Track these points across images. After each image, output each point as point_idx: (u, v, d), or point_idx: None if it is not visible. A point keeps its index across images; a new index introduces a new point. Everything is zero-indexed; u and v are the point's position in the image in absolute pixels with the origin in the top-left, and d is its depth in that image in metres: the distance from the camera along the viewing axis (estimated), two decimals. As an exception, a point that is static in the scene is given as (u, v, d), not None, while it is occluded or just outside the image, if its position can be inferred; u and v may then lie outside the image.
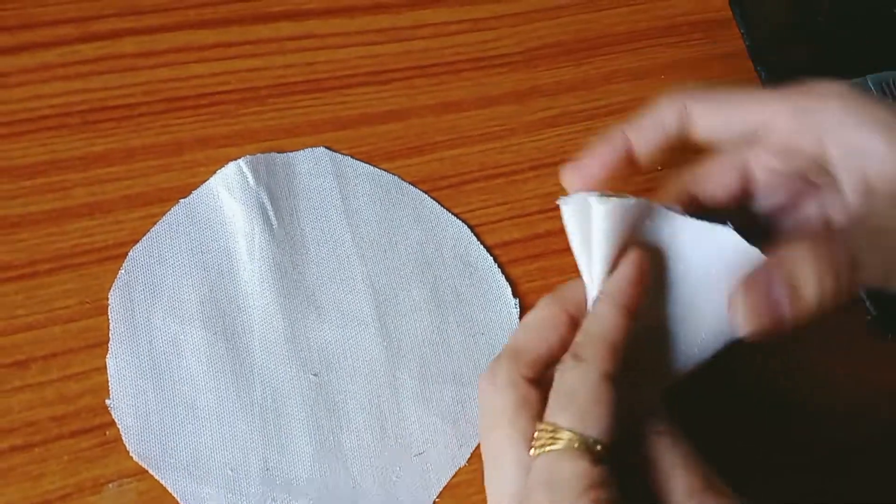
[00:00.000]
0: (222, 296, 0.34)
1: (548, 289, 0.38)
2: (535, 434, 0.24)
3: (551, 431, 0.24)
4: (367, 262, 0.36)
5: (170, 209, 0.35)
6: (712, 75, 0.44)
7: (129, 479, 0.31)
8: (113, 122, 0.36)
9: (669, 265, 0.27)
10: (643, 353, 0.26)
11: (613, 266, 0.26)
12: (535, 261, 0.38)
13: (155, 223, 0.35)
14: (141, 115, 0.37)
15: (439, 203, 0.38)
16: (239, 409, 0.32)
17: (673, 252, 0.27)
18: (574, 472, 0.22)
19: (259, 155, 0.36)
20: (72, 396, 0.32)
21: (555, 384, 0.25)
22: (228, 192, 0.35)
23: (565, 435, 0.23)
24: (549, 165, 0.40)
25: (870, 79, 0.46)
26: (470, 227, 0.38)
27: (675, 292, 0.27)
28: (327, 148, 0.38)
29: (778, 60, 0.45)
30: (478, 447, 0.34)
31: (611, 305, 0.26)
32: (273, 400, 0.33)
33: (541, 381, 0.27)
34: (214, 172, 0.36)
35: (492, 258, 0.37)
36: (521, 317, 0.37)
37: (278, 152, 0.37)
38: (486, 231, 0.38)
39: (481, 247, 0.37)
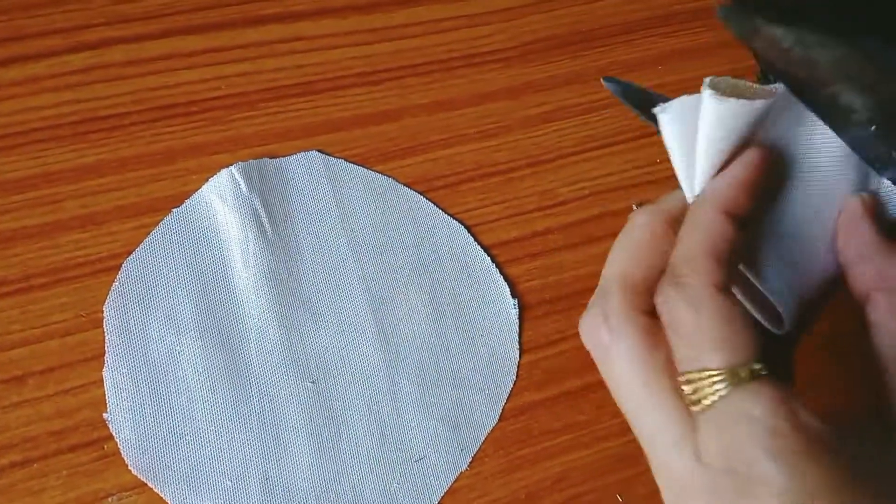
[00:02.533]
0: (217, 305, 0.34)
1: (549, 288, 0.37)
2: (685, 388, 0.20)
3: (705, 378, 0.20)
4: (363, 266, 0.36)
5: (163, 219, 0.35)
6: (710, 65, 0.43)
7: (129, 493, 0.31)
8: (104, 132, 0.36)
9: (800, 172, 0.24)
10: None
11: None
12: (534, 259, 0.38)
13: (148, 233, 0.34)
14: (132, 124, 0.36)
15: (435, 204, 0.38)
16: (237, 418, 0.32)
17: (807, 158, 0.24)
18: (765, 406, 0.19)
19: (251, 161, 0.36)
20: (69, 411, 0.31)
21: (666, 321, 0.21)
22: (221, 199, 0.35)
23: (721, 375, 0.20)
24: (546, 161, 0.40)
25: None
26: (467, 227, 0.37)
27: (805, 205, 0.23)
28: (320, 151, 0.37)
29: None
30: (478, 452, 0.34)
31: (707, 210, 0.22)
32: (271, 409, 0.33)
33: (655, 311, 0.22)
34: (207, 180, 0.36)
35: (489, 258, 0.37)
36: (521, 318, 0.36)
37: (271, 157, 0.37)
38: (483, 230, 0.38)
39: (478, 247, 0.37)
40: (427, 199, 0.38)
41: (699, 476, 0.20)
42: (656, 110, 0.24)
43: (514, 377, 0.35)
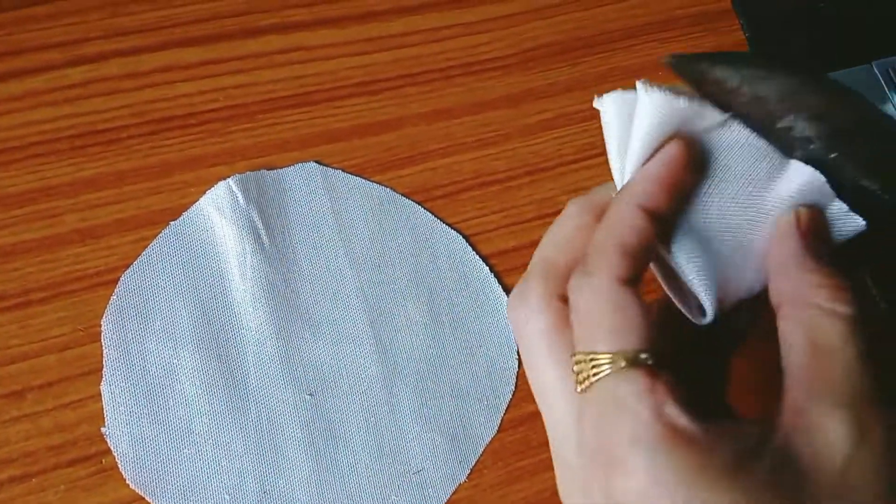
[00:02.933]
0: (215, 318, 0.34)
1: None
2: (574, 368, 0.22)
3: (589, 360, 0.21)
4: (360, 277, 0.36)
5: (160, 232, 0.35)
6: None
7: (127, 507, 0.31)
8: (101, 145, 0.36)
9: (718, 175, 0.24)
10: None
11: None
12: (533, 269, 0.37)
13: (146, 247, 0.34)
14: (129, 137, 0.37)
15: (433, 214, 0.37)
16: (234, 432, 0.32)
17: (724, 163, 0.24)
18: (634, 392, 0.20)
19: (248, 173, 0.36)
20: (68, 425, 0.32)
21: (571, 305, 0.22)
22: (219, 212, 0.35)
23: (604, 358, 0.21)
24: (546, 170, 0.40)
25: (875, 65, 0.45)
26: (465, 237, 0.37)
27: (723, 207, 0.24)
28: (318, 162, 0.37)
29: (779, 50, 0.44)
30: (477, 464, 0.33)
31: (623, 204, 0.22)
32: (269, 422, 0.33)
33: None
34: (205, 193, 0.36)
35: (488, 268, 0.37)
36: (519, 327, 0.36)
37: (268, 169, 0.37)
38: (482, 240, 0.38)
39: (477, 257, 0.37)
40: (425, 209, 0.38)
41: (576, 458, 0.22)
42: (595, 101, 0.24)
43: (513, 387, 0.35)
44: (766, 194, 0.24)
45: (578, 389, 0.21)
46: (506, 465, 0.34)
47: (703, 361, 0.26)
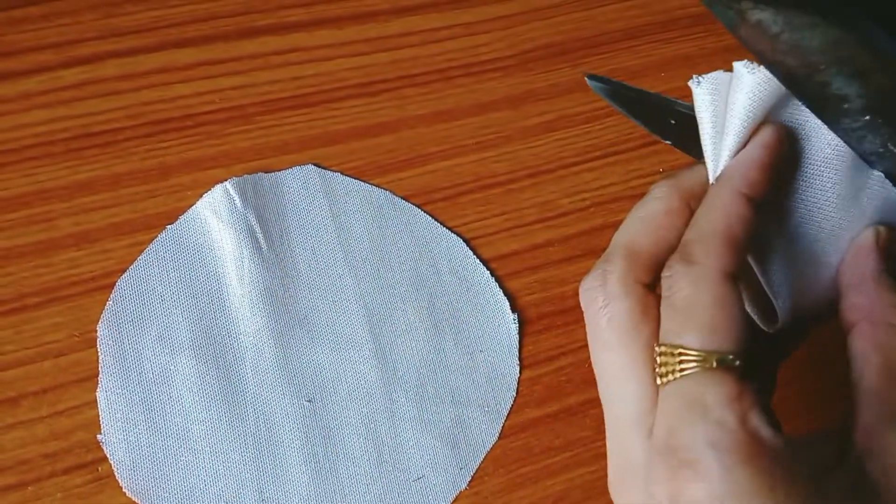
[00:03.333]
0: (212, 323, 0.33)
1: (549, 302, 0.37)
2: (658, 359, 0.21)
3: (677, 354, 0.20)
4: (359, 281, 0.35)
5: (157, 236, 0.34)
6: (714, 70, 0.42)
7: (123, 516, 0.30)
8: (97, 148, 0.36)
9: (817, 171, 0.23)
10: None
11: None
12: (535, 272, 0.37)
13: (142, 251, 0.34)
14: (125, 139, 0.36)
15: (433, 217, 0.37)
16: (232, 438, 0.32)
17: (813, 166, 0.23)
18: (720, 396, 0.19)
19: (246, 176, 0.36)
20: (63, 432, 0.31)
21: (665, 295, 0.21)
22: (215, 215, 0.35)
23: (694, 355, 0.20)
24: (547, 172, 0.39)
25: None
26: (465, 240, 0.37)
27: (818, 208, 0.23)
28: (316, 165, 0.37)
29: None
30: (478, 471, 0.33)
31: (727, 191, 0.21)
32: (267, 428, 0.32)
33: (657, 285, 0.22)
34: (202, 196, 0.35)
35: (489, 272, 0.36)
36: (520, 333, 0.36)
37: (266, 171, 0.36)
38: (482, 244, 0.37)
39: (477, 261, 0.36)
40: (425, 212, 0.37)
41: (641, 452, 0.21)
42: (691, 83, 0.23)
43: (515, 393, 0.35)
44: (848, 208, 0.23)
45: (660, 382, 0.20)
46: (507, 472, 0.34)
47: (760, 370, 0.25)
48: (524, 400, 0.35)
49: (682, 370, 0.20)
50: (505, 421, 0.34)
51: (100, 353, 0.32)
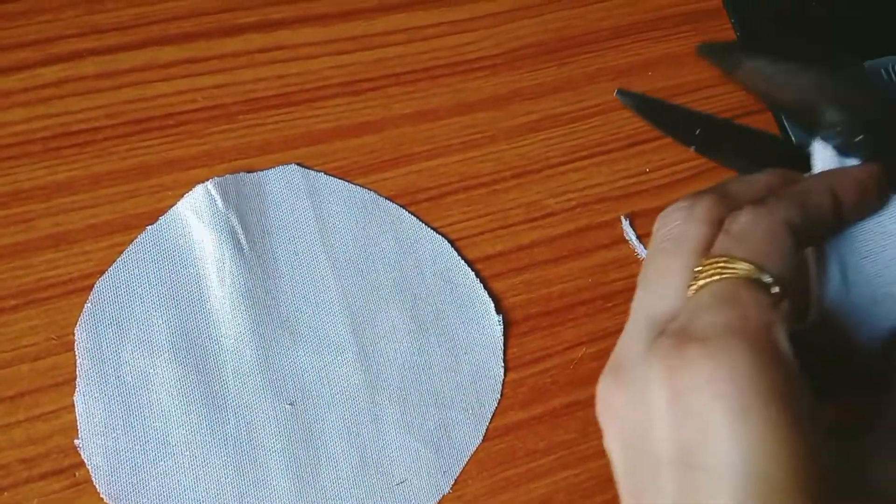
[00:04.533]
0: (193, 325, 0.33)
1: (535, 303, 0.37)
2: (700, 266, 0.21)
3: (724, 261, 0.20)
4: (342, 282, 0.35)
5: (136, 237, 0.34)
6: (701, 69, 0.42)
7: (101, 522, 0.30)
8: (76, 147, 0.35)
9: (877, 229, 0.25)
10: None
11: None
12: (520, 273, 0.37)
13: (122, 252, 0.34)
14: (105, 139, 0.36)
15: (418, 217, 0.37)
16: (212, 443, 0.31)
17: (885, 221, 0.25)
18: (754, 299, 0.19)
19: (227, 176, 0.35)
20: (41, 437, 0.31)
21: (725, 226, 0.22)
22: (196, 216, 0.34)
23: (741, 265, 0.20)
24: (533, 172, 0.39)
25: (869, 65, 0.44)
26: (450, 241, 0.37)
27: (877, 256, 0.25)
28: (299, 164, 0.36)
29: (770, 50, 0.43)
30: (461, 474, 0.33)
31: (819, 181, 0.23)
32: (248, 432, 0.32)
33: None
34: (183, 196, 0.35)
35: (473, 273, 0.36)
36: (506, 335, 0.35)
37: (248, 171, 0.36)
38: (467, 244, 0.37)
39: (462, 262, 0.36)
40: (410, 212, 0.37)
41: (643, 345, 0.20)
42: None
43: (499, 396, 0.35)
44: None
45: (692, 287, 0.20)
46: (491, 476, 0.33)
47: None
48: (509, 402, 0.34)
49: (723, 272, 0.20)
50: (489, 424, 0.34)
51: (77, 357, 0.32)
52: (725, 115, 0.41)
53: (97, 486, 0.30)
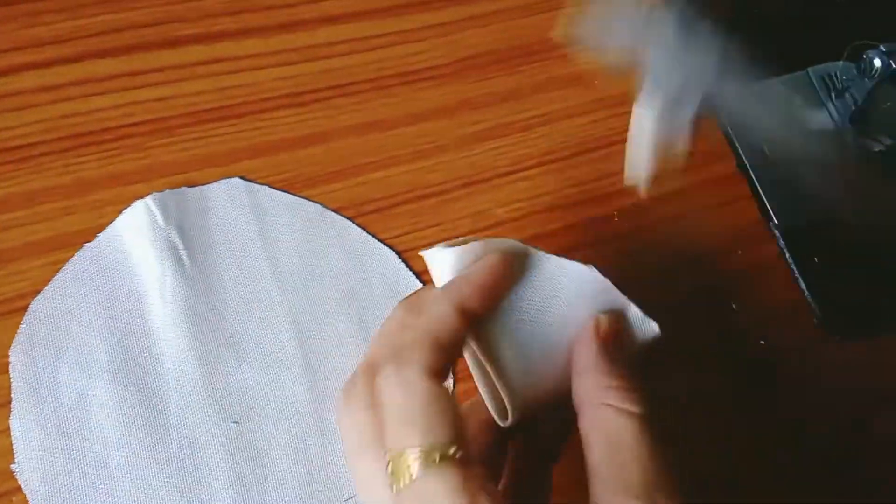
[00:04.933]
0: (133, 345, 0.32)
1: (482, 313, 0.36)
2: (388, 468, 0.21)
3: (401, 457, 0.21)
4: (288, 297, 0.34)
5: (74, 255, 0.33)
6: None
7: (37, 549, 0.29)
8: (12, 164, 0.34)
9: (529, 289, 0.26)
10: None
11: None
12: (469, 284, 0.37)
13: (59, 271, 0.33)
14: (42, 154, 0.35)
15: (365, 230, 0.36)
16: (154, 465, 0.31)
17: (534, 283, 0.26)
18: (447, 489, 0.20)
19: (167, 191, 0.35)
20: (-27, 463, 0.30)
21: (381, 401, 0.22)
22: (136, 232, 0.34)
23: (414, 456, 0.21)
24: (482, 181, 0.39)
25: (811, 71, 0.45)
26: (398, 253, 0.36)
27: (536, 321, 0.26)
28: (243, 178, 0.36)
29: (717, 57, 0.44)
30: (410, 488, 0.33)
31: (440, 303, 0.24)
32: (191, 453, 0.31)
33: None
34: (122, 212, 0.34)
35: (421, 285, 0.36)
36: (453, 345, 0.35)
37: (190, 186, 0.35)
38: (415, 256, 0.37)
39: (410, 273, 0.36)
40: (357, 224, 0.36)
41: None
42: (422, 252, 0.27)
43: (449, 408, 0.34)
44: (571, 308, 0.26)
45: (394, 490, 0.21)
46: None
47: (529, 458, 0.28)
48: (458, 414, 0.34)
49: (409, 473, 0.21)
50: (438, 436, 0.34)
51: (12, 380, 0.31)
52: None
53: (33, 513, 0.29)
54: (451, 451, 0.21)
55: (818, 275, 0.39)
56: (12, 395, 0.31)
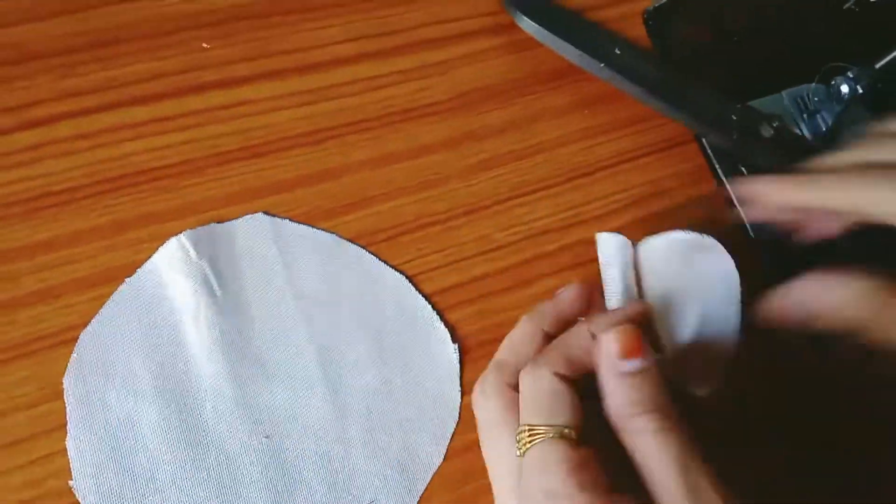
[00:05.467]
0: (172, 369, 0.36)
1: (487, 331, 0.40)
2: (517, 437, 0.29)
3: (529, 431, 0.28)
4: (310, 321, 0.38)
5: (116, 289, 0.37)
6: (633, 106, 0.46)
7: (96, 555, 0.33)
8: (56, 207, 0.38)
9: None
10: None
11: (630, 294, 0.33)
12: (473, 304, 0.40)
13: (103, 304, 0.36)
14: (83, 197, 0.38)
15: (377, 256, 0.40)
16: (196, 477, 0.34)
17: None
18: (557, 457, 0.27)
19: (199, 228, 0.38)
20: (37, 481, 0.33)
21: (520, 389, 0.30)
22: (171, 267, 0.37)
23: (540, 430, 0.28)
24: (483, 208, 0.42)
25: (785, 94, 0.48)
26: (408, 277, 0.40)
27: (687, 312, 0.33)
28: (266, 213, 0.40)
29: (698, 83, 0.47)
30: (425, 491, 0.36)
31: (583, 329, 0.31)
32: (228, 465, 0.35)
33: None
34: (158, 248, 0.38)
35: (430, 306, 0.39)
36: (461, 361, 0.39)
37: (218, 222, 0.39)
38: (424, 279, 0.40)
39: (419, 296, 0.39)
40: (370, 252, 0.40)
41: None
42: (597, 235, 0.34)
43: (458, 418, 0.38)
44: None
45: (518, 454, 0.28)
46: (453, 491, 0.37)
47: None
48: (466, 423, 0.38)
49: (531, 441, 0.28)
50: (449, 444, 0.37)
51: (67, 405, 0.34)
52: (657, 146, 0.45)
53: (92, 523, 0.33)
54: (567, 431, 0.27)
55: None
56: (67, 419, 0.34)
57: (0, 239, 0.37)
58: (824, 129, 0.47)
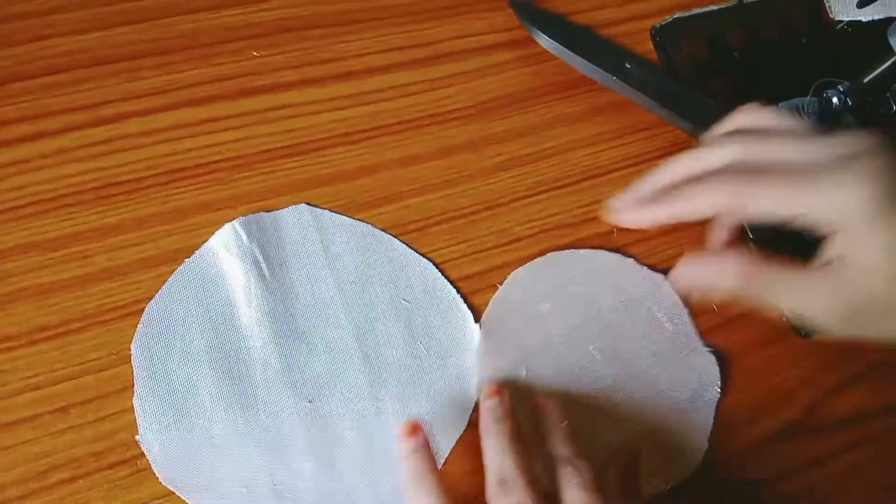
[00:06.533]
0: (226, 339, 0.40)
1: (505, 313, 0.44)
2: None
3: None
4: (347, 301, 0.42)
5: (176, 268, 0.41)
6: (642, 114, 0.50)
7: (160, 500, 0.37)
8: (123, 195, 0.42)
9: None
10: None
11: None
12: (493, 290, 0.44)
13: (165, 281, 0.41)
14: (148, 186, 0.43)
15: (407, 245, 0.44)
16: (248, 435, 0.38)
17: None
18: None
19: (250, 215, 0.43)
20: (107, 434, 0.38)
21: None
22: (226, 249, 0.41)
23: None
24: (503, 205, 0.47)
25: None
26: (435, 264, 0.44)
27: None
28: (308, 204, 0.44)
29: (700, 95, 0.52)
30: (449, 455, 0.40)
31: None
32: (275, 426, 0.39)
33: None
34: (213, 233, 0.42)
35: (455, 290, 0.43)
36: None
37: (266, 211, 0.43)
38: (449, 267, 0.44)
39: (446, 281, 0.44)
40: (401, 241, 0.44)
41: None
42: None
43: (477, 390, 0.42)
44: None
45: None
46: (475, 456, 0.40)
47: None
48: (487, 396, 0.42)
49: None
50: (472, 413, 0.41)
51: (134, 368, 0.39)
52: (662, 151, 0.49)
53: (156, 473, 0.37)
54: None
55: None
56: (134, 380, 0.39)
57: (74, 222, 0.41)
58: (815, 138, 0.51)
